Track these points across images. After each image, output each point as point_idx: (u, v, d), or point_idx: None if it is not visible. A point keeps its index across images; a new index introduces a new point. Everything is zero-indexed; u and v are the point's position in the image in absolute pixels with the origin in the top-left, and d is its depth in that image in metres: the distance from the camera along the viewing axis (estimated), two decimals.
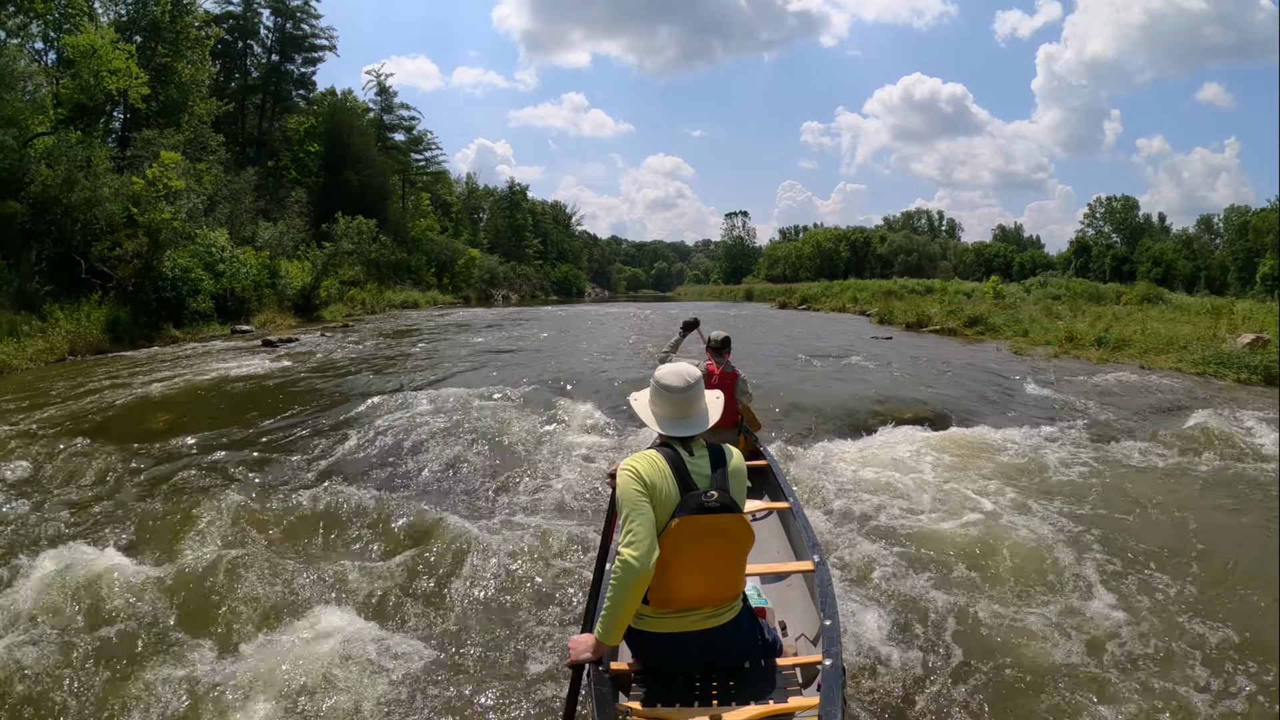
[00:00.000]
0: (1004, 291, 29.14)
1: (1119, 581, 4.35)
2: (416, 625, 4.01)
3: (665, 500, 2.56)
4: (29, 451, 7.17)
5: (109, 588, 4.11)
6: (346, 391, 10.63)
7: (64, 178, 17.35)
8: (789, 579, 3.86)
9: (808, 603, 3.55)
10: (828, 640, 2.78)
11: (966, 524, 5.10)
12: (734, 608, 2.69)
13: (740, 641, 2.70)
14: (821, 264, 78.14)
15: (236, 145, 37.96)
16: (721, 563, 2.63)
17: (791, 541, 4.25)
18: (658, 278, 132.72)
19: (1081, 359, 14.29)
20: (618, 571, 2.44)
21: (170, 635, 3.76)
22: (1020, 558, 4.63)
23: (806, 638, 3.25)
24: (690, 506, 2.55)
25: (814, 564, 3.45)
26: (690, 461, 2.65)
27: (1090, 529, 5.06)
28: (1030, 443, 7.32)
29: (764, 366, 13.11)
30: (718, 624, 2.64)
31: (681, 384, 2.74)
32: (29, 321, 14.89)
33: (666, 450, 2.69)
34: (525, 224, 77.49)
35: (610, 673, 2.64)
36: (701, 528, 2.55)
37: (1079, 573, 4.43)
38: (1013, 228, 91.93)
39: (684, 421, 2.74)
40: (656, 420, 2.78)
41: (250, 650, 3.63)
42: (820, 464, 6.60)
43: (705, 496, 2.58)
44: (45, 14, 20.87)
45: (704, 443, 2.75)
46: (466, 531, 4.93)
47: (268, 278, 25.43)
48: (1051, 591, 4.26)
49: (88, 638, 3.70)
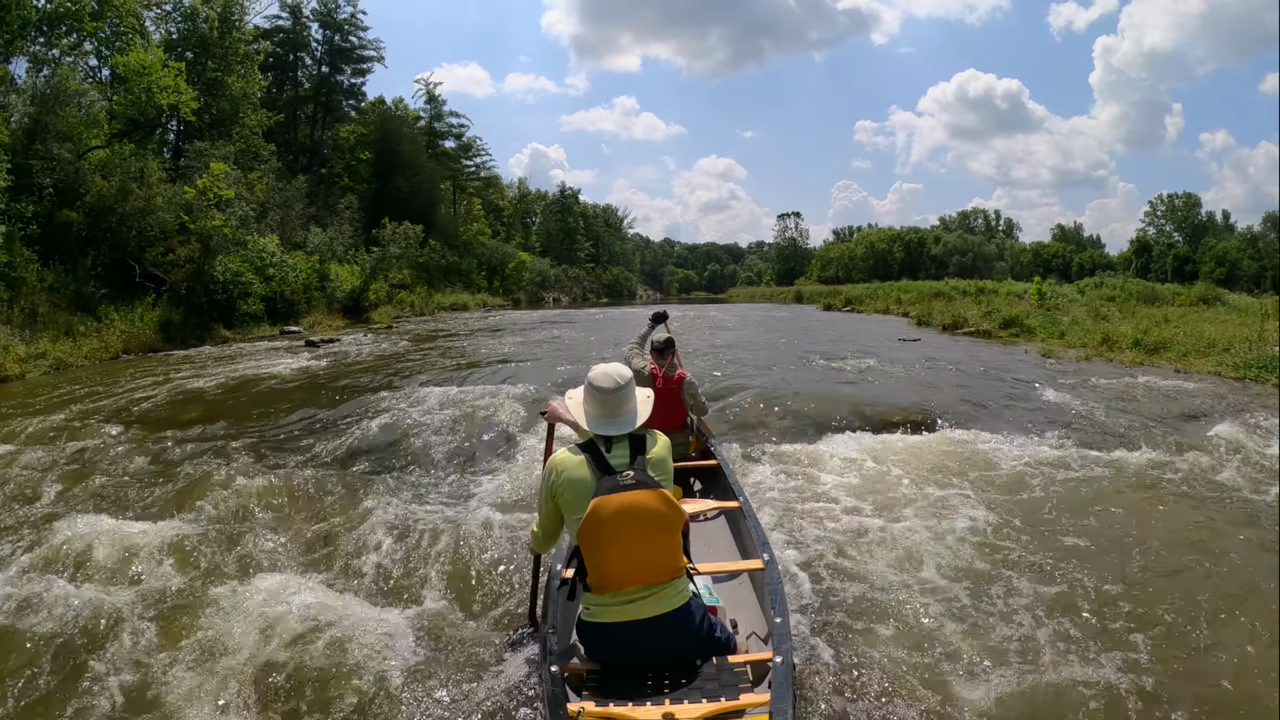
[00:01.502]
0: (1048, 291, 28.17)
1: (1072, 592, 4.27)
2: (397, 601, 4.21)
3: (582, 487, 2.73)
4: (57, 437, 7.83)
5: (101, 557, 4.50)
6: (366, 388, 10.97)
7: (118, 188, 18.36)
8: (739, 578, 3.90)
9: (758, 601, 3.59)
10: (778, 638, 2.83)
11: (929, 530, 5.02)
12: (678, 593, 2.74)
13: (691, 635, 2.74)
14: (874, 265, 76.75)
15: (289, 154, 39.40)
16: (649, 537, 2.70)
17: (742, 541, 4.29)
18: (711, 280, 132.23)
19: (1114, 362, 13.80)
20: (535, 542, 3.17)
21: (147, 617, 3.95)
22: (971, 571, 4.54)
23: (757, 636, 3.29)
24: (605, 487, 2.69)
25: (764, 563, 3.49)
26: (610, 455, 2.80)
27: (1054, 549, 4.86)
28: (1019, 450, 6.99)
29: (767, 369, 12.96)
30: (664, 611, 2.70)
31: (611, 384, 2.85)
32: (85, 322, 15.83)
33: (589, 446, 2.85)
34: (577, 227, 78.28)
35: (563, 673, 2.71)
36: (619, 504, 2.66)
37: (1030, 597, 4.26)
38: (1073, 227, 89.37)
39: (612, 421, 2.86)
40: (586, 417, 2.91)
41: (240, 627, 3.77)
42: (782, 466, 6.55)
43: (620, 476, 2.71)
44: (96, 34, 21.94)
45: (625, 439, 2.86)
46: (454, 517, 5.22)
47: (317, 281, 26.34)
48: (1001, 617, 4.12)
49: (69, 607, 3.95)
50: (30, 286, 15.26)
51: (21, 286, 15.06)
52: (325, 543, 4.97)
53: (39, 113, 17.82)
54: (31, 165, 17.12)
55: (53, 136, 17.88)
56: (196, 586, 4.24)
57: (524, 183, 78.98)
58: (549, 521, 2.97)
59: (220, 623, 3.77)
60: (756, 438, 7.73)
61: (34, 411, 9.28)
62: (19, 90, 18.49)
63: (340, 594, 4.19)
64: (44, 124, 17.79)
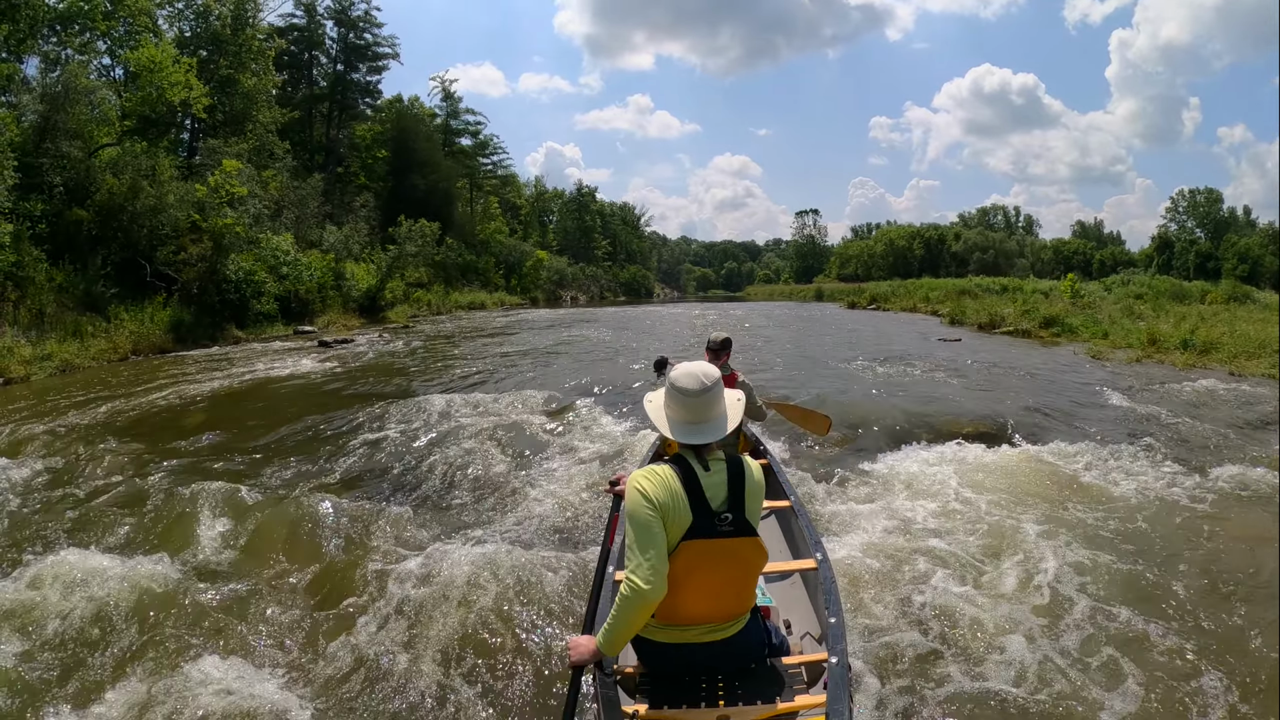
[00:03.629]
0: (1081, 289, 27.35)
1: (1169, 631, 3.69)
2: (411, 632, 3.81)
3: (676, 520, 2.41)
4: (46, 447, 7.37)
5: (53, 600, 3.98)
6: (371, 393, 10.54)
7: (129, 186, 17.99)
8: (792, 577, 3.84)
9: (811, 601, 3.53)
10: (833, 638, 2.73)
11: (1019, 563, 4.43)
12: (742, 620, 2.58)
13: (749, 652, 2.61)
14: (894, 262, 75.67)
15: (305, 153, 39.18)
16: (731, 584, 2.51)
17: (794, 540, 4.21)
18: (728, 278, 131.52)
19: (1165, 364, 13.09)
20: (626, 593, 2.34)
21: (129, 635, 3.70)
22: (1057, 599, 4.01)
23: (811, 636, 3.24)
24: (702, 530, 2.41)
25: (816, 562, 3.38)
26: (705, 477, 2.46)
27: (1163, 576, 4.29)
28: (1108, 468, 6.33)
29: (814, 372, 12.45)
30: (725, 637, 2.55)
31: (697, 386, 2.50)
32: (94, 322, 15.45)
33: (679, 465, 2.49)
34: (594, 225, 77.92)
35: (617, 675, 2.59)
36: (713, 551, 2.42)
37: (1124, 620, 3.79)
38: (1093, 223, 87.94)
39: (699, 427, 2.52)
40: (669, 425, 2.57)
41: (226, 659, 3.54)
42: (846, 490, 5.91)
43: (719, 519, 2.43)
44: (109, 32, 21.63)
45: (721, 455, 2.54)
46: (464, 538, 4.85)
47: (332, 280, 25.94)
48: (1076, 628, 3.72)
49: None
50: (38, 286, 14.88)
51: (29, 286, 14.68)
52: (316, 585, 4.41)
53: (49, 111, 17.48)
54: (41, 164, 16.78)
55: (63, 135, 17.55)
56: (161, 652, 3.63)
57: (541, 181, 78.68)
58: (661, 558, 2.37)
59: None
60: (810, 455, 7.11)
61: (25, 418, 8.83)
62: (30, 89, 18.19)
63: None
64: (54, 122, 17.45)
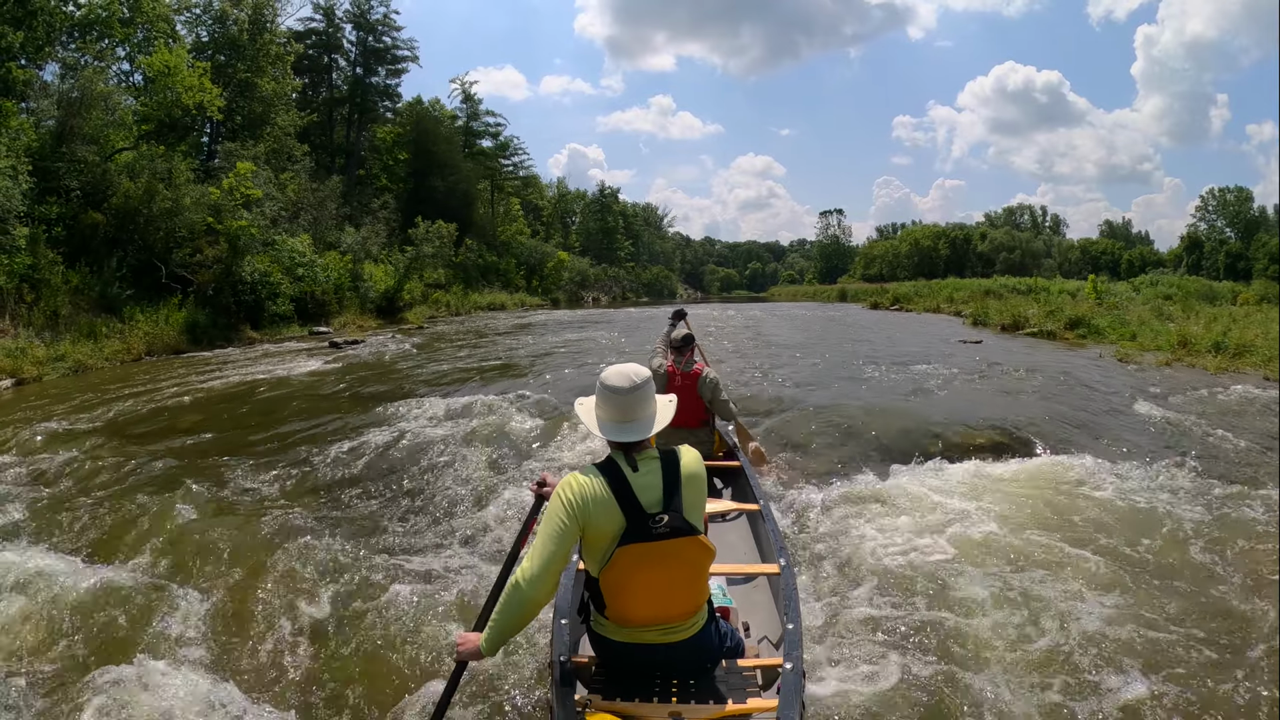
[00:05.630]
0: (1105, 290, 26.57)
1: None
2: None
3: (605, 525, 2.40)
4: (44, 447, 7.42)
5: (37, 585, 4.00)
6: (374, 395, 10.43)
7: (145, 189, 18.13)
8: (755, 581, 3.84)
9: (772, 605, 3.54)
10: (789, 644, 2.75)
11: (1038, 598, 4.00)
12: (697, 622, 2.57)
13: (705, 654, 2.61)
14: (919, 262, 74.63)
15: (326, 156, 39.41)
16: (676, 585, 2.50)
17: (759, 544, 4.21)
18: (752, 278, 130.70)
19: (1197, 368, 12.54)
20: (508, 590, 2.39)
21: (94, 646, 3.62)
22: (1056, 644, 3.64)
23: (769, 640, 3.26)
24: (638, 533, 2.39)
25: (780, 567, 3.38)
26: (635, 478, 2.45)
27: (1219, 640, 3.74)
28: (1137, 485, 5.76)
29: (823, 375, 12.08)
30: (680, 639, 2.54)
31: (627, 384, 2.51)
32: (109, 324, 15.54)
33: (607, 469, 2.47)
34: (616, 226, 77.79)
35: (571, 665, 2.61)
36: (651, 554, 2.40)
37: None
38: (1121, 223, 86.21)
39: (627, 426, 2.52)
40: (599, 423, 2.57)
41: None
42: (844, 507, 5.41)
43: (654, 521, 2.40)
44: (126, 38, 21.81)
45: (654, 453, 2.53)
46: (421, 548, 4.83)
47: (349, 281, 25.96)
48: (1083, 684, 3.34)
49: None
50: (54, 288, 15.00)
51: (45, 289, 14.78)
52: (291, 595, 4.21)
53: (66, 116, 17.66)
54: (58, 168, 16.95)
55: (80, 139, 17.72)
56: (99, 657, 3.53)
57: (563, 182, 78.60)
58: (552, 563, 2.38)
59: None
60: (809, 462, 6.78)
61: (26, 418, 8.82)
62: (48, 94, 18.37)
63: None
64: (71, 127, 17.63)
